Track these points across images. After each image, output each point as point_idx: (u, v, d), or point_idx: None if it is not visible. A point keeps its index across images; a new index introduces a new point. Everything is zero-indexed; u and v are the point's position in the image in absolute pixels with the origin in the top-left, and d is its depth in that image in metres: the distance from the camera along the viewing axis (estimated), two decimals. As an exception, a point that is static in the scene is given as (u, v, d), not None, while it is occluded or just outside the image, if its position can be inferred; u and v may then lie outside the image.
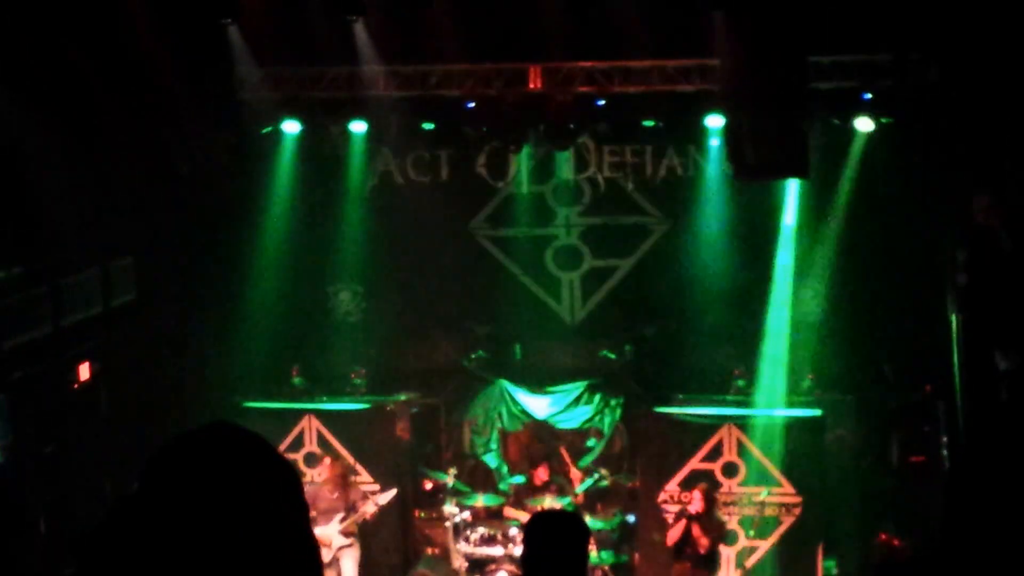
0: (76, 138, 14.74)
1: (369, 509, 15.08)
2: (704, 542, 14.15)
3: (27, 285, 15.03)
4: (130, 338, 16.52)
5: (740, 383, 17.04)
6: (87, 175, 14.92)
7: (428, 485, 17.04)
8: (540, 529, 5.88)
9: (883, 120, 16.21)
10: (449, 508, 15.97)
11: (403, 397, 17.31)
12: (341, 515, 14.97)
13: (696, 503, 14.31)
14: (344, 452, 16.25)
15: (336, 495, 15.03)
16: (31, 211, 14.59)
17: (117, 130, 15.34)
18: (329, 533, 14.82)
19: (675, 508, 15.62)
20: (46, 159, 14.43)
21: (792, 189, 17.12)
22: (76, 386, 15.82)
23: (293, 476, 2.15)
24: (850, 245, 17.24)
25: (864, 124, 16.28)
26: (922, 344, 16.41)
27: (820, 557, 15.68)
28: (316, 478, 15.38)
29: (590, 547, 14.81)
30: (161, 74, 15.45)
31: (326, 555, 14.62)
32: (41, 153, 14.41)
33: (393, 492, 15.43)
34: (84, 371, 15.89)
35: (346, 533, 14.99)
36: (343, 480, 15.20)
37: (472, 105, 16.54)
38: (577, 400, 17.56)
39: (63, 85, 14.74)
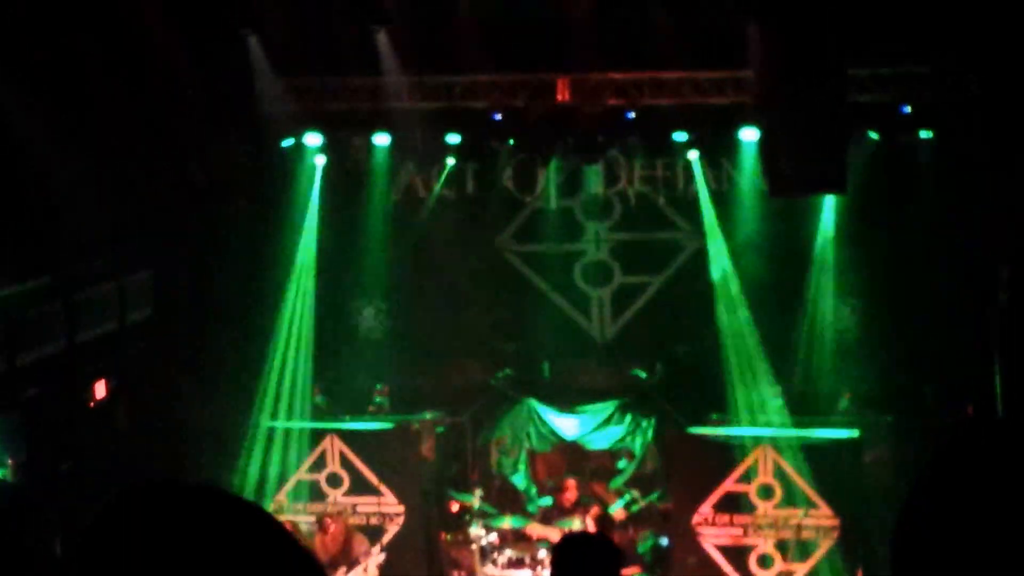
0: (93, 151, 14.55)
1: (372, 565, 14.76)
2: None
3: (41, 300, 14.92)
4: (147, 355, 16.22)
5: (776, 402, 16.67)
6: (103, 188, 14.69)
7: (454, 507, 16.73)
8: (569, 552, 5.67)
9: (923, 133, 16.01)
10: (476, 530, 15.64)
11: (428, 416, 17.00)
12: (343, 569, 14.62)
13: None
14: (368, 472, 15.96)
15: (338, 550, 14.70)
16: (46, 224, 14.46)
17: (135, 142, 15.15)
18: None
19: (710, 531, 15.30)
20: (62, 171, 14.28)
21: (829, 204, 16.89)
22: (92, 404, 15.75)
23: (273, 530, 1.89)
24: (889, 262, 16.99)
25: (903, 137, 16.09)
26: (963, 363, 16.01)
27: (859, 582, 15.24)
28: (324, 530, 14.99)
29: (628, 571, 14.68)
30: (180, 86, 15.25)
31: None
32: (57, 165, 14.27)
33: (382, 556, 15.05)
34: (100, 389, 15.78)
35: None
36: (346, 535, 14.87)
37: (498, 117, 16.31)
38: (607, 420, 17.30)
39: (80, 97, 14.55)
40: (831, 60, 14.20)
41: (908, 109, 15.83)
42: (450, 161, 17.59)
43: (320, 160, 17.16)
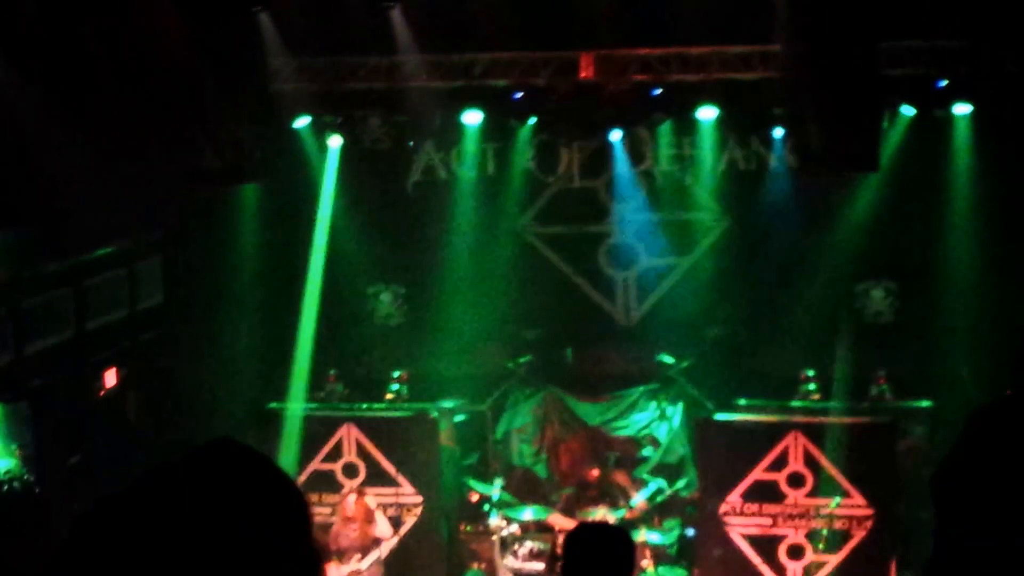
0: (101, 134, 14.36)
1: (384, 550, 14.52)
2: None
3: (50, 287, 14.79)
4: (158, 342, 15.95)
5: (807, 387, 16.40)
6: (112, 172, 14.48)
7: (474, 497, 16.50)
8: (581, 542, 5.55)
9: (959, 109, 15.72)
10: (496, 521, 15.39)
11: (447, 404, 16.70)
12: (359, 555, 14.32)
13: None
14: (385, 462, 15.67)
15: (357, 534, 14.40)
16: (54, 210, 14.23)
17: (144, 125, 14.88)
18: (348, 572, 14.23)
19: (737, 521, 14.95)
20: (70, 156, 14.08)
21: (862, 183, 16.51)
22: (102, 393, 15.62)
23: (295, 496, 2.08)
24: (924, 241, 16.64)
25: (939, 112, 15.81)
26: (1001, 346, 15.54)
27: (893, 573, 14.90)
28: (341, 513, 14.73)
29: (643, 561, 14.34)
30: (190, 66, 14.94)
31: None
32: (65, 150, 14.06)
33: (394, 541, 14.85)
34: (110, 377, 15.61)
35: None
36: (365, 518, 14.54)
37: (520, 96, 16.05)
38: (632, 407, 16.96)
39: (89, 79, 14.37)
40: (862, 33, 14.08)
41: (944, 83, 15.45)
42: (470, 141, 17.25)
43: (335, 141, 16.86)
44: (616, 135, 16.83)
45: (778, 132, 16.52)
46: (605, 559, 5.43)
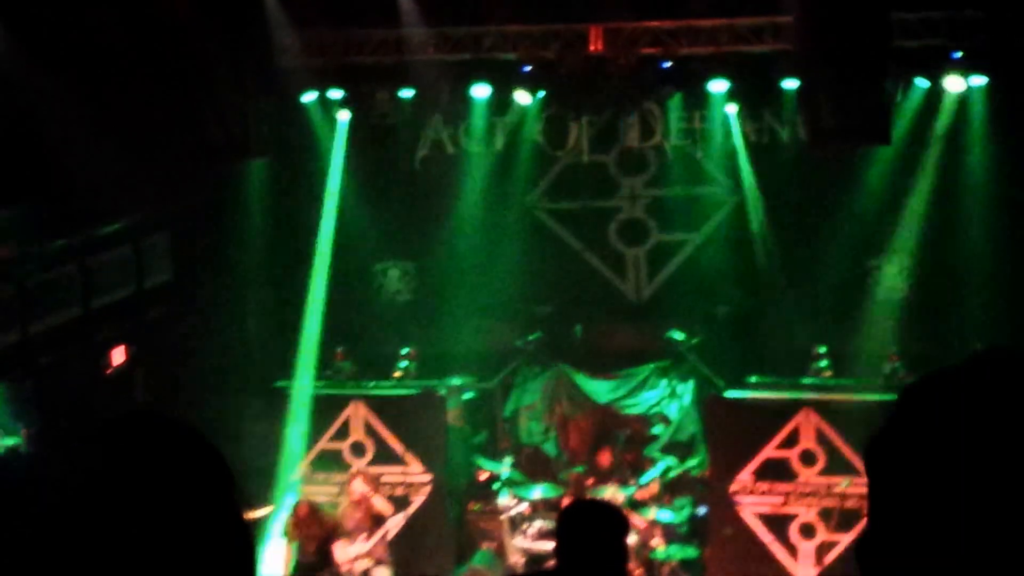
0: (107, 110, 14.18)
1: (391, 526, 14.36)
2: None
3: (56, 264, 14.59)
4: (166, 320, 15.90)
5: (819, 365, 16.26)
6: (119, 148, 14.30)
7: (483, 476, 16.39)
8: (572, 520, 5.58)
9: (974, 81, 15.55)
10: (505, 500, 15.31)
11: (456, 382, 16.56)
12: (365, 534, 14.19)
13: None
14: (393, 440, 15.58)
15: (361, 514, 14.25)
16: (59, 186, 14.11)
17: (150, 100, 14.77)
18: (356, 552, 14.06)
19: (749, 499, 14.82)
20: (75, 131, 13.92)
21: (875, 156, 16.33)
22: (109, 371, 15.34)
23: (217, 467, 2.05)
24: (938, 216, 16.47)
25: (954, 84, 15.56)
26: (1017, 322, 15.45)
27: (905, 554, 14.70)
28: (347, 493, 14.57)
29: (653, 540, 14.20)
30: (195, 40, 14.83)
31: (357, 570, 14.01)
32: (70, 125, 13.91)
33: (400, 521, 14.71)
34: (117, 355, 15.43)
35: (377, 555, 14.20)
36: (369, 499, 14.34)
37: (528, 69, 15.90)
38: (642, 384, 16.84)
39: (95, 56, 14.22)
40: (875, 4, 13.97)
41: (959, 54, 15.28)
42: (478, 116, 17.11)
43: (343, 116, 16.72)
44: (626, 109, 16.67)
45: (789, 105, 16.31)
46: (597, 536, 5.40)
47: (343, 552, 13.81)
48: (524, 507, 15.21)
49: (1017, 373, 1.69)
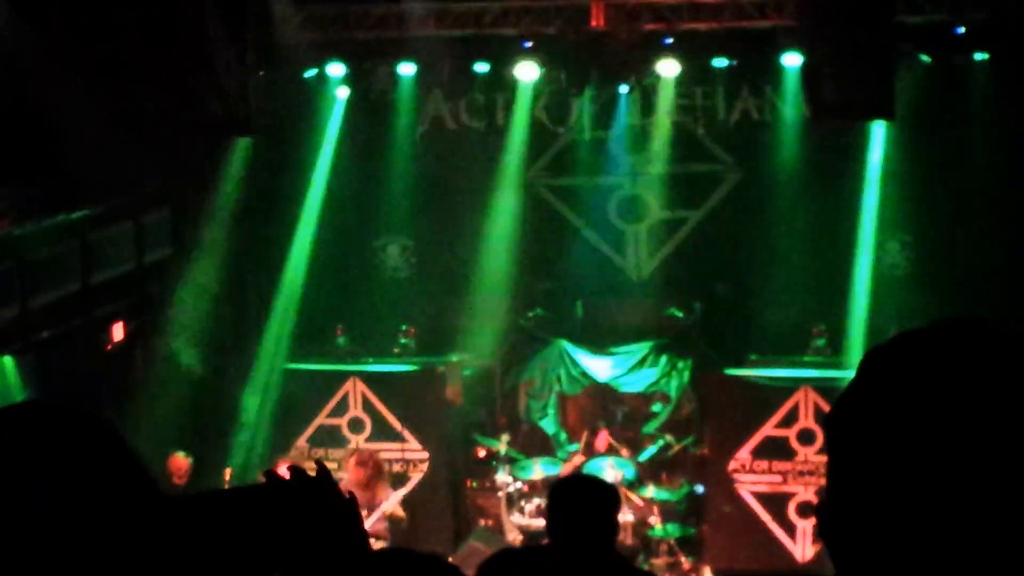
0: (106, 83, 14.17)
1: (388, 507, 14.25)
2: None
3: (56, 239, 14.54)
4: (166, 296, 15.86)
5: (819, 342, 16.13)
6: (118, 122, 14.30)
7: (481, 453, 16.34)
8: (563, 495, 5.65)
9: (978, 56, 15.54)
10: (503, 477, 15.26)
11: (455, 358, 16.51)
12: (365, 511, 14.14)
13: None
14: (391, 417, 15.59)
15: (362, 493, 14.19)
16: (58, 160, 14.12)
17: (149, 74, 14.66)
18: None
19: (747, 478, 14.78)
20: (73, 105, 13.82)
21: (877, 132, 16.20)
22: (109, 347, 15.37)
23: (116, 451, 2.10)
24: (941, 192, 16.31)
25: (957, 60, 15.58)
26: (1018, 298, 15.34)
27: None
28: (345, 470, 14.45)
29: (651, 518, 14.15)
30: (195, 16, 14.69)
31: None
32: (68, 99, 13.81)
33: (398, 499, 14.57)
34: (117, 331, 15.41)
35: (375, 531, 14.19)
36: (373, 475, 14.25)
37: (529, 45, 15.83)
38: (642, 362, 16.64)
39: (93, 30, 14.21)
40: None
41: (962, 30, 15.20)
42: (478, 92, 17.05)
43: (343, 92, 16.67)
44: (627, 85, 16.57)
45: (792, 81, 16.15)
46: (588, 511, 5.43)
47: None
48: (521, 484, 15.14)
49: (979, 336, 1.65)
